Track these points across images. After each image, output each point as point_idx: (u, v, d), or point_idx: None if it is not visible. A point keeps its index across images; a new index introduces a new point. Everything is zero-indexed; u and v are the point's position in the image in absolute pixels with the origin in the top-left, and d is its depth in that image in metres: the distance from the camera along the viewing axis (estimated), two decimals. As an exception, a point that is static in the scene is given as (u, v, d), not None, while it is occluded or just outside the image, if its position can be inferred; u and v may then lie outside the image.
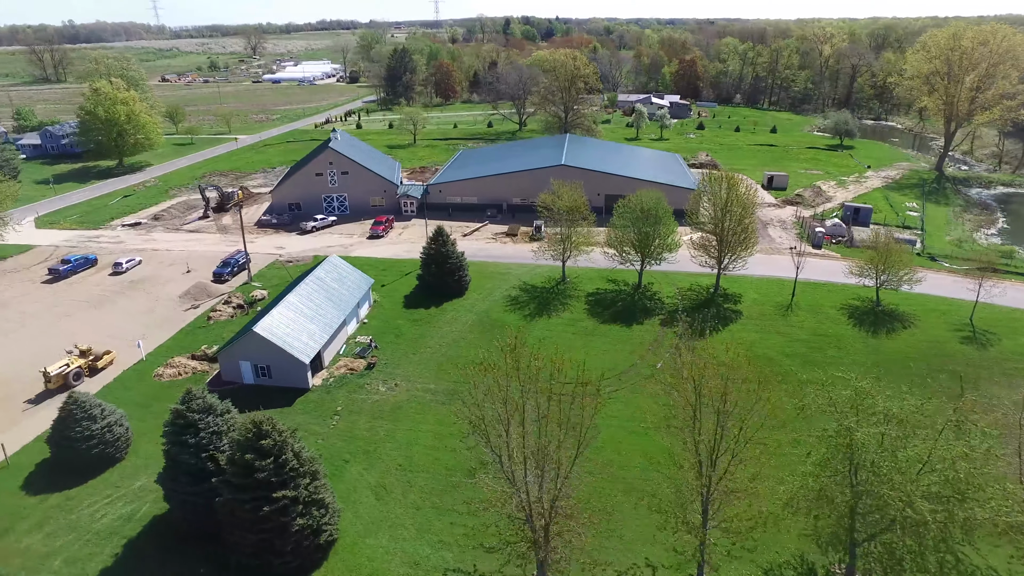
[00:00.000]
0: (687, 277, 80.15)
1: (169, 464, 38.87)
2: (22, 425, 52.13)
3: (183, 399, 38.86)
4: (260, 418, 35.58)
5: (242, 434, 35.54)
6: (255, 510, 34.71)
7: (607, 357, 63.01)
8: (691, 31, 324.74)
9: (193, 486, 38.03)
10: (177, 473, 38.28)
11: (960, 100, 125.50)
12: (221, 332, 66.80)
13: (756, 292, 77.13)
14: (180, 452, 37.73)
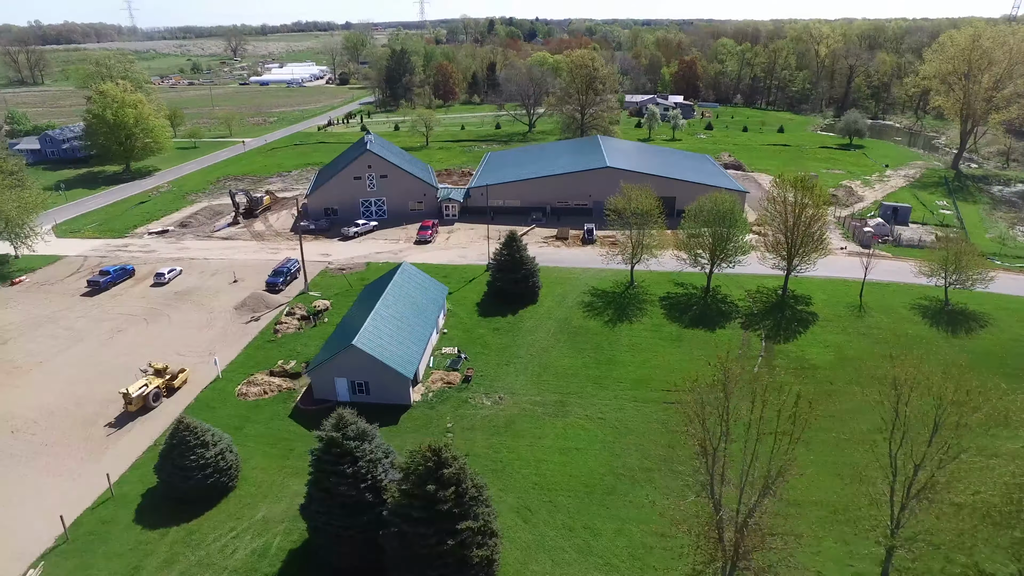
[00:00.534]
0: (752, 279, 79.13)
1: (319, 496, 35.89)
2: (112, 452, 48.42)
3: (336, 425, 35.93)
4: (438, 445, 33.02)
5: (417, 462, 32.94)
6: (438, 543, 32.15)
7: (700, 364, 61.46)
8: (685, 32, 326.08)
9: (349, 519, 35.24)
10: (331, 506, 35.40)
11: (978, 99, 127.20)
12: (292, 346, 63.54)
13: (823, 293, 76.48)
14: (338, 483, 34.82)
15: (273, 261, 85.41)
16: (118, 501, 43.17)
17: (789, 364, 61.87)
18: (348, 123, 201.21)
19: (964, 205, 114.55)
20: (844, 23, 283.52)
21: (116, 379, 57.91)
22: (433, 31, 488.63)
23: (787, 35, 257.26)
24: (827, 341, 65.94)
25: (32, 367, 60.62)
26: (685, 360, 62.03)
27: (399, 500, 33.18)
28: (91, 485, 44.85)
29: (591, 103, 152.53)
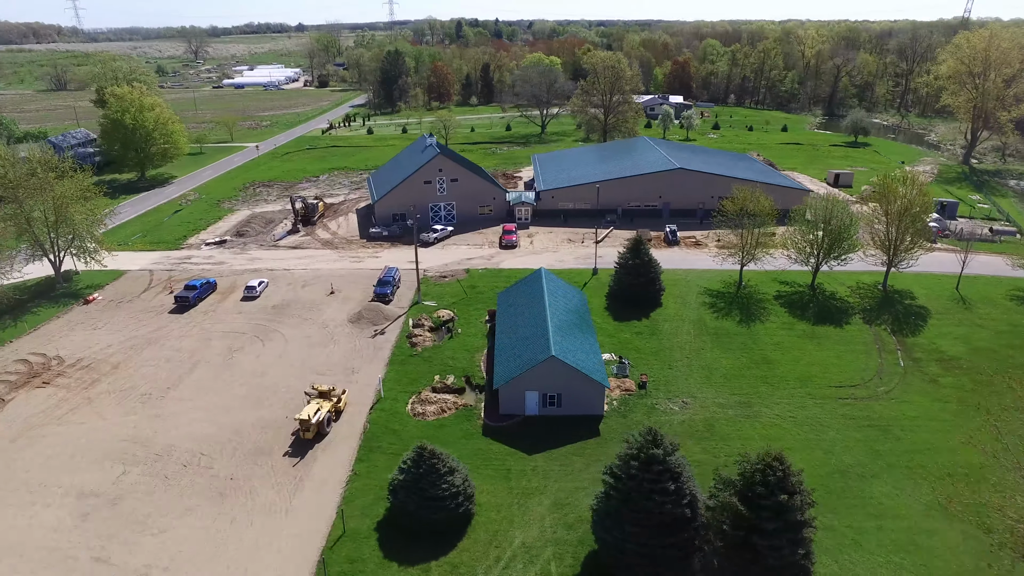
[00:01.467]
0: (849, 276, 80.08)
1: (634, 515, 33.81)
2: (309, 483, 44.67)
3: (653, 441, 33.98)
4: (779, 452, 31.79)
5: (753, 473, 31.58)
6: (791, 554, 30.82)
7: (852, 359, 61.80)
8: (671, 33, 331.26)
9: (667, 536, 33.46)
10: (647, 524, 33.48)
11: (991, 98, 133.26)
12: (438, 359, 60.42)
13: (921, 287, 78.13)
14: (663, 501, 32.94)
15: (360, 270, 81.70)
16: (352, 537, 39.83)
17: (928, 356, 62.93)
18: (350, 126, 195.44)
19: (996, 199, 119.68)
20: (818, 24, 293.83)
21: (263, 403, 53.95)
22: (400, 32, 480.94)
23: (768, 36, 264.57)
24: (952, 333, 67.32)
25: (162, 394, 55.81)
26: (832, 357, 62.22)
27: (744, 513, 31.63)
28: (310, 521, 41.26)
29: (616, 104, 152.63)
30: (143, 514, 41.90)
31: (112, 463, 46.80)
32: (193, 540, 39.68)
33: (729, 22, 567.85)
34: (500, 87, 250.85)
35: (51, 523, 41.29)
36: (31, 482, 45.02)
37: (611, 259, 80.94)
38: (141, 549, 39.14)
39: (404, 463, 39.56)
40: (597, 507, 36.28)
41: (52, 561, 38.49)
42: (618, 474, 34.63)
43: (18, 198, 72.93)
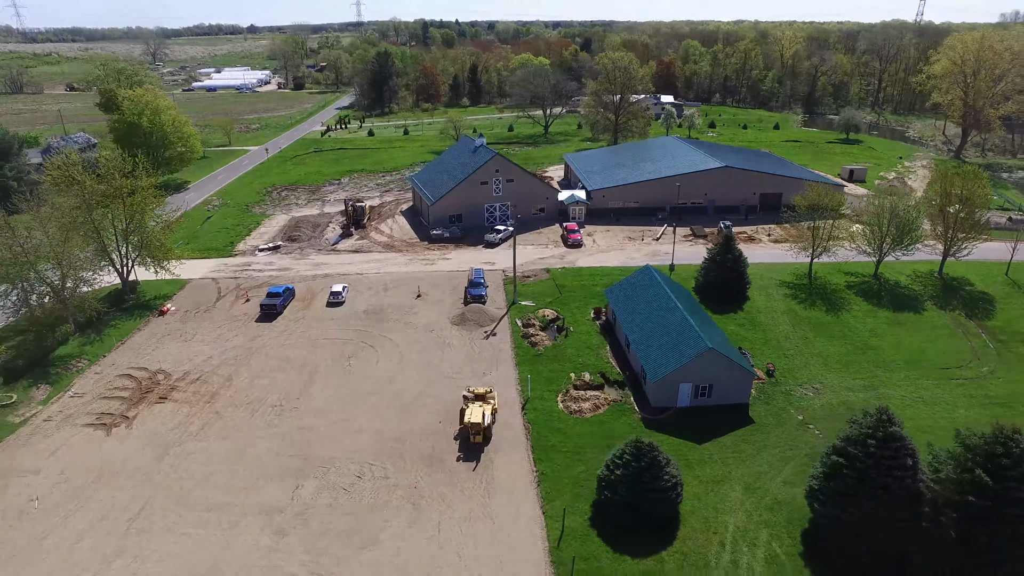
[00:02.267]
0: (905, 266, 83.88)
1: (873, 491, 35.17)
2: (500, 487, 44.34)
3: (888, 418, 35.53)
4: (1008, 427, 33.91)
5: (993, 445, 33.60)
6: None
7: (944, 343, 65.13)
8: (648, 34, 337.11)
9: (906, 511, 35.14)
10: (885, 500, 35.00)
11: (981, 96, 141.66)
12: (566, 356, 60.61)
13: (975, 275, 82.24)
14: (903, 476, 34.59)
15: (437, 272, 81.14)
16: (572, 535, 39.95)
17: (1012, 338, 66.74)
18: (346, 128, 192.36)
19: (1001, 191, 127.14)
20: (786, 25, 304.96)
21: (408, 410, 53.20)
22: (366, 34, 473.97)
23: (743, 37, 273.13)
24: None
25: (294, 405, 54.28)
26: (924, 341, 65.41)
27: (989, 484, 33.41)
28: (518, 525, 41.14)
29: (627, 104, 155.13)
30: (342, 528, 40.86)
31: (282, 478, 45.46)
32: (412, 552, 39.00)
33: (686, 22, 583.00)
34: (489, 88, 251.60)
35: (248, 543, 39.85)
36: (206, 502, 43.29)
37: (679, 256, 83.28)
38: (360, 563, 38.29)
39: (620, 458, 39.96)
40: (820, 486, 37.61)
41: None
42: (853, 453, 36.01)
43: (89, 205, 69.52)
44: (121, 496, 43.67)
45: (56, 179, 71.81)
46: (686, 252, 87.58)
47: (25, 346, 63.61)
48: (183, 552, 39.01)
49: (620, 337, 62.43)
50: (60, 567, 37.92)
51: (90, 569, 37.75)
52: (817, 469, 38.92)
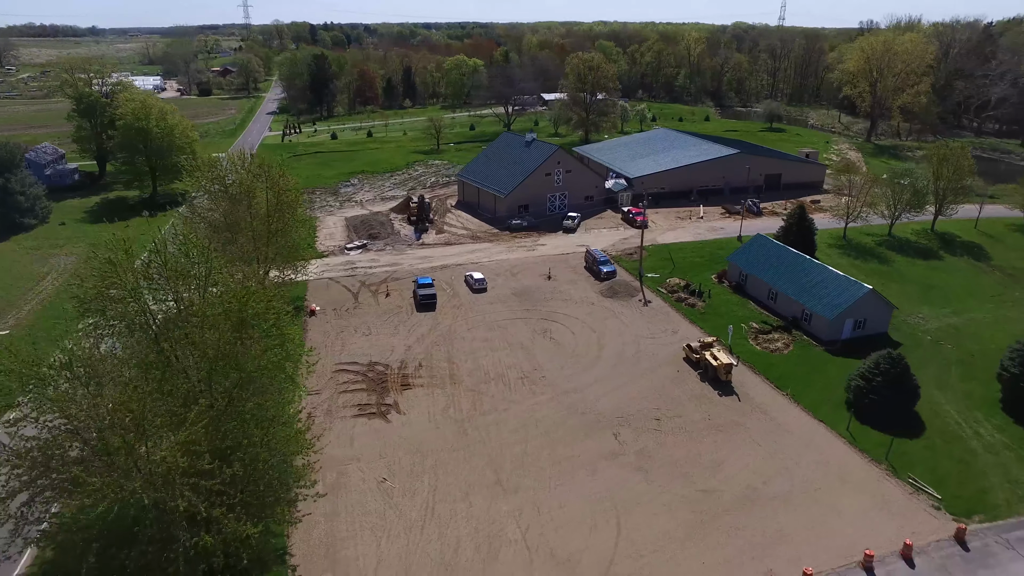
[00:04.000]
0: (904, 226, 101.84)
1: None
2: (789, 410, 53.97)
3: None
4: None
5: None
6: None
7: (982, 278, 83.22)
8: (561, 34, 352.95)
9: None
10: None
11: (887, 90, 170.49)
12: (722, 311, 70.46)
13: (955, 230, 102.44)
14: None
15: (548, 256, 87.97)
16: (856, 431, 50.70)
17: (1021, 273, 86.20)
18: (299, 131, 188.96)
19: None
20: (691, 26, 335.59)
21: (638, 366, 60.52)
22: (250, 36, 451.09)
23: (648, 38, 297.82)
24: (1015, 255, 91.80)
25: (545, 375, 59.27)
26: (964, 279, 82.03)
27: None
28: (815, 430, 51.00)
29: (599, 103, 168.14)
30: (683, 455, 48.20)
31: (591, 432, 51.20)
32: (756, 461, 47.56)
33: (561, 23, 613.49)
34: (424, 89, 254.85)
35: (620, 479, 45.76)
36: (547, 458, 47.79)
37: (732, 230, 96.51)
38: (724, 477, 46.20)
39: (876, 367, 50.93)
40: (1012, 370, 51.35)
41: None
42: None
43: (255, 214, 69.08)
44: (465, 466, 47.26)
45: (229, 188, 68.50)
46: (726, 225, 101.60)
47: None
48: (575, 493, 44.33)
49: (757, 292, 74.00)
50: (481, 522, 42.23)
51: (513, 521, 42.41)
52: (1007, 361, 52.76)
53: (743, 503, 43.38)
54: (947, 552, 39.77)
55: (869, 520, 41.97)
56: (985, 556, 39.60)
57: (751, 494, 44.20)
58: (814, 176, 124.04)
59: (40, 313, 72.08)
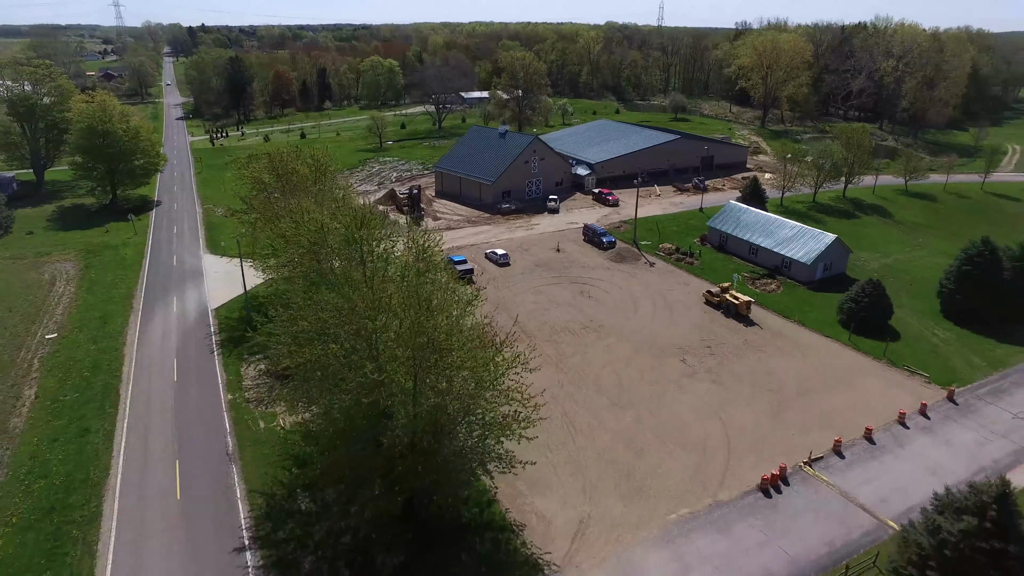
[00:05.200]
0: (822, 194, 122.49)
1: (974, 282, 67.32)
2: (798, 332, 67.76)
3: (985, 242, 67.63)
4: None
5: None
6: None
7: (891, 231, 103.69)
8: (466, 34, 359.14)
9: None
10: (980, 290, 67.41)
11: (776, 82, 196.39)
12: (715, 267, 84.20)
13: (860, 196, 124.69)
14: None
15: (548, 232, 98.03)
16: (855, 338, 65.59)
17: (917, 226, 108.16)
18: (227, 135, 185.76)
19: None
20: (587, 27, 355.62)
21: (673, 312, 72.68)
22: (118, 38, 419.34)
23: (545, 38, 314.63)
24: (904, 211, 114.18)
25: (603, 324, 69.82)
26: (881, 232, 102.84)
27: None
28: (829, 346, 65.37)
29: (534, 100, 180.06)
30: (734, 370, 60.75)
31: (661, 358, 62.68)
32: (781, 364, 60.91)
33: (443, 24, 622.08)
34: (340, 90, 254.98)
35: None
36: (651, 373, 59.04)
37: (690, 204, 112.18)
38: (744, 370, 59.06)
39: (863, 290, 66.25)
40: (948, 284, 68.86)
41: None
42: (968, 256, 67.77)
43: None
44: (579, 395, 56.59)
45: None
46: (684, 200, 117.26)
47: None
48: (676, 402, 55.16)
49: (738, 249, 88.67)
50: (616, 430, 52.04)
51: (640, 426, 52.58)
52: (950, 274, 70.28)
53: (799, 395, 56.39)
54: (945, 408, 54.90)
55: (889, 395, 56.42)
56: (968, 407, 55.13)
57: (802, 388, 57.32)
58: (739, 157, 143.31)
59: (78, 316, 71.78)
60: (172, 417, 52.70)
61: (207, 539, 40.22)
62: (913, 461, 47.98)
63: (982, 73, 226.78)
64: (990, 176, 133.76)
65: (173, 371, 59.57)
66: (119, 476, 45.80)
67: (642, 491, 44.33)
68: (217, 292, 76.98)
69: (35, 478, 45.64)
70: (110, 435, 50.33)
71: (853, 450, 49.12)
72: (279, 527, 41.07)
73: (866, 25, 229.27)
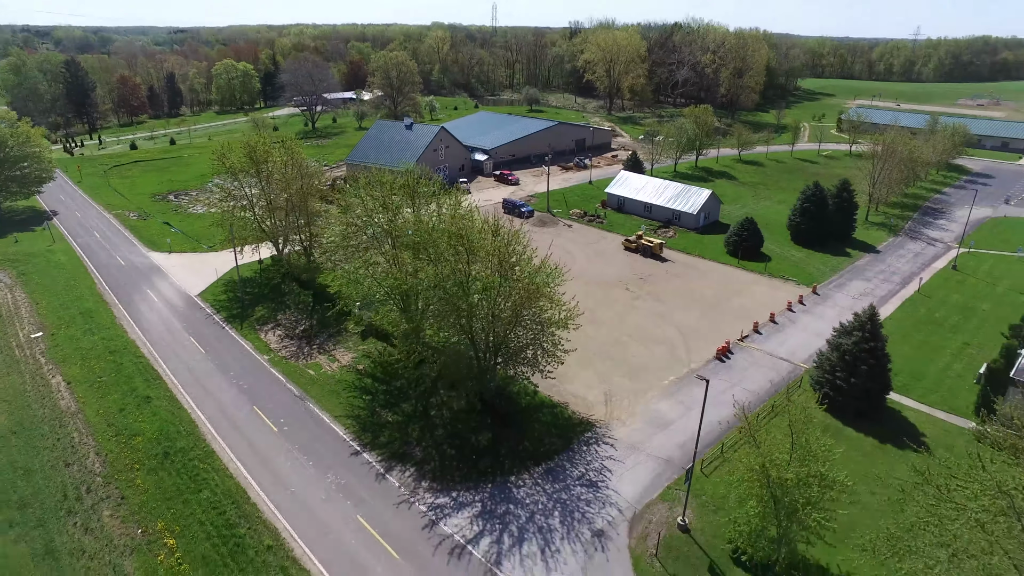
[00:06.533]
0: (682, 165, 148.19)
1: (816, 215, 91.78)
2: (699, 263, 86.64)
3: (815, 185, 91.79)
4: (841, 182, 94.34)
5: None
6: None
7: (745, 190, 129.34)
8: (313, 36, 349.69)
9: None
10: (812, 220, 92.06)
11: (619, 74, 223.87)
12: (620, 224, 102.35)
13: (708, 165, 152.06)
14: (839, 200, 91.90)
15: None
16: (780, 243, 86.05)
17: (758, 185, 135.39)
18: (95, 146, 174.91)
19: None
20: (435, 27, 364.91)
21: (605, 257, 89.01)
22: None
23: (393, 39, 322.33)
24: (739, 172, 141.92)
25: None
26: (736, 191, 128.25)
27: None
28: (728, 271, 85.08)
29: (406, 99, 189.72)
30: (660, 289, 78.20)
31: (622, 282, 78.55)
32: (671, 295, 79.56)
33: (267, 26, 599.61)
34: (192, 95, 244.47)
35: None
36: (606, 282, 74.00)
37: (578, 178, 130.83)
38: (645, 294, 77.16)
39: (813, 191, 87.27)
40: (795, 218, 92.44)
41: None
42: (805, 196, 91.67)
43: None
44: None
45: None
46: (571, 176, 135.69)
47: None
48: (635, 314, 70.97)
49: (634, 209, 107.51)
50: (608, 328, 66.50)
51: (616, 327, 67.56)
52: (795, 211, 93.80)
53: (717, 301, 74.91)
54: (813, 298, 76.40)
55: (776, 295, 76.85)
56: (826, 296, 77.09)
57: (717, 298, 75.98)
58: (606, 139, 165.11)
59: (53, 316, 72.05)
60: (222, 377, 58.54)
61: (323, 453, 48.59)
62: (803, 329, 68.04)
63: (771, 66, 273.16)
64: (795, 147, 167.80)
65: (196, 346, 64.30)
66: (208, 424, 51.83)
67: (639, 371, 59.44)
68: (189, 282, 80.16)
69: (128, 437, 50.31)
70: (173, 399, 55.36)
71: (765, 329, 68.22)
72: (378, 435, 50.46)
73: (682, 25, 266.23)
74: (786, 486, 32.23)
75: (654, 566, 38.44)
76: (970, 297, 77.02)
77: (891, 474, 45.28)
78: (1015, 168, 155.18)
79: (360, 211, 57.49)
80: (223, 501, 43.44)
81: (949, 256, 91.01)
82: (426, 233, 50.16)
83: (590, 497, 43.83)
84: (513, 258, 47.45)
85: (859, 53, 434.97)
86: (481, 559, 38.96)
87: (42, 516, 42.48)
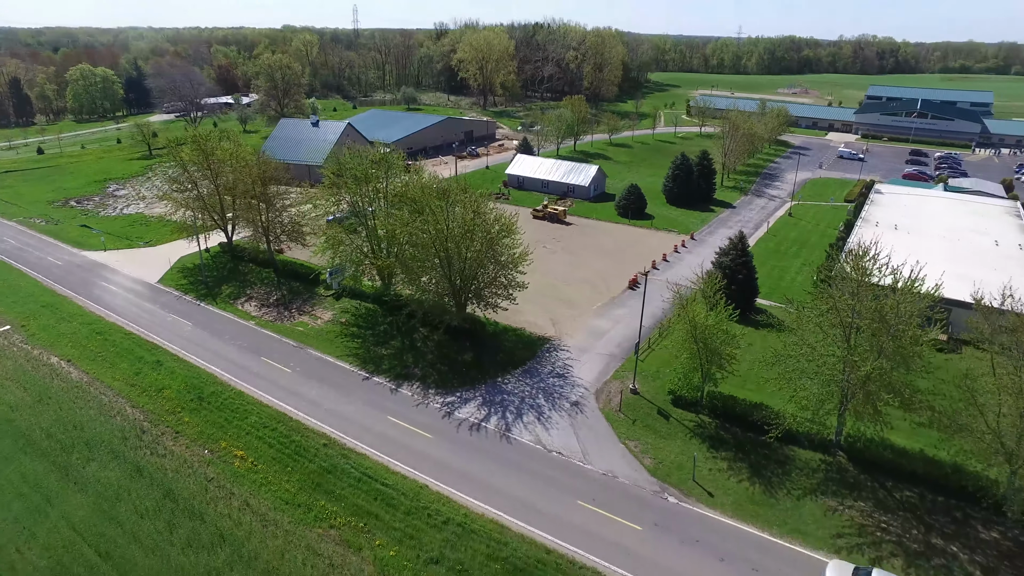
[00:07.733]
0: (564, 149, 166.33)
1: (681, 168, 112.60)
2: (604, 225, 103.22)
3: (697, 157, 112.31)
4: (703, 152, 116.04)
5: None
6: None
7: (640, 153, 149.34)
8: (170, 39, 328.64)
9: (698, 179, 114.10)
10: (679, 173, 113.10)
11: (492, 71, 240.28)
12: (524, 200, 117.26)
13: (591, 147, 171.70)
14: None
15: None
16: (660, 205, 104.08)
17: (652, 153, 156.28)
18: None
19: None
20: (304, 30, 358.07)
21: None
22: None
23: (258, 42, 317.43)
24: (619, 155, 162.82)
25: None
26: (633, 161, 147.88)
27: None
28: (634, 231, 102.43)
29: (293, 100, 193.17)
30: (569, 238, 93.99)
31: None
32: (586, 255, 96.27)
33: (99, 29, 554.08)
34: (43, 103, 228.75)
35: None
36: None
37: (475, 165, 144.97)
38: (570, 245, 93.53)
39: (681, 161, 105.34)
40: (667, 183, 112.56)
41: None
42: (675, 166, 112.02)
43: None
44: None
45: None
46: (469, 164, 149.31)
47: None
48: (553, 263, 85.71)
49: (533, 186, 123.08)
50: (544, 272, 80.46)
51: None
52: (667, 179, 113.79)
53: (619, 251, 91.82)
54: (691, 243, 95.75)
55: (664, 243, 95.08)
56: (701, 240, 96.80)
57: (619, 248, 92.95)
58: (490, 130, 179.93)
59: (15, 311, 73.98)
60: (219, 341, 65.73)
61: (340, 381, 58.44)
62: (688, 263, 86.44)
63: (625, 61, 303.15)
64: (656, 130, 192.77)
65: (181, 320, 70.29)
66: (227, 374, 59.54)
67: (572, 302, 74.31)
68: (142, 272, 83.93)
69: (155, 391, 57.02)
70: (183, 361, 61.97)
71: (661, 265, 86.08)
72: (379, 365, 61.09)
73: (543, 25, 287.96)
74: (707, 332, 48.04)
75: (620, 416, 53.15)
76: (803, 233, 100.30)
77: (767, 347, 63.44)
78: (822, 142, 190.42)
79: (351, 183, 67.40)
80: (271, 422, 52.42)
81: (785, 207, 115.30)
82: (418, 190, 61.34)
83: (562, 383, 57.80)
84: (482, 207, 60.07)
85: (695, 49, 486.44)
86: (494, 430, 51.57)
87: (113, 450, 49.20)
